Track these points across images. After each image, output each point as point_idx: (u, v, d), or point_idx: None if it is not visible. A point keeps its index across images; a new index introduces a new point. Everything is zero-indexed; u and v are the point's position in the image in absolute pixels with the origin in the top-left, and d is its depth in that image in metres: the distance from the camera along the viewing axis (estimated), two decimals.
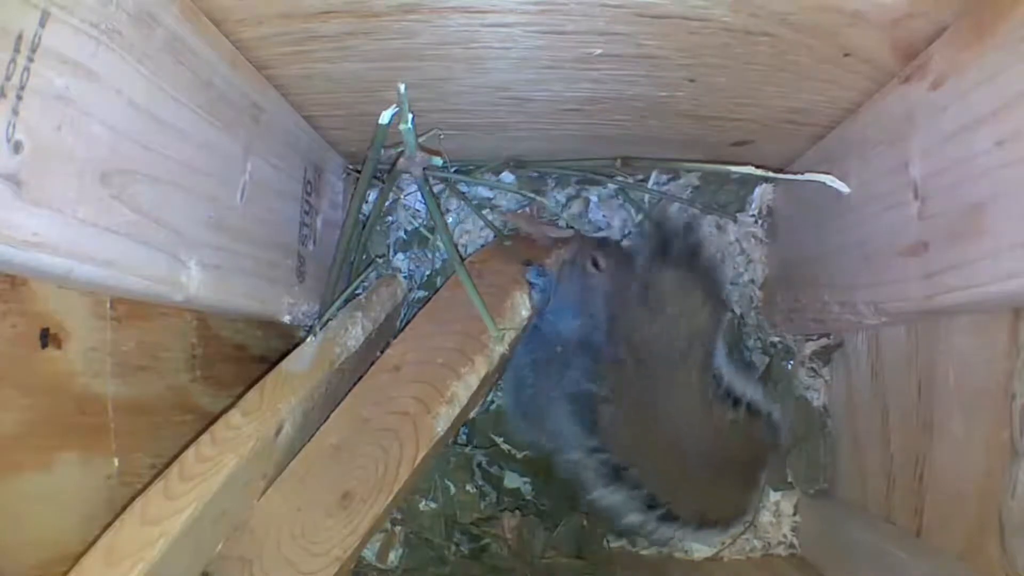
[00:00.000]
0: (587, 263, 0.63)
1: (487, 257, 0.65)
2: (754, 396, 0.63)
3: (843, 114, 0.55)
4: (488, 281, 0.61)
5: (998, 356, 0.44)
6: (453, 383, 0.56)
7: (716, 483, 0.63)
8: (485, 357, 0.58)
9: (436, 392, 0.56)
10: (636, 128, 0.61)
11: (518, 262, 0.64)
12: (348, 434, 0.55)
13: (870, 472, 0.60)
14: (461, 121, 0.60)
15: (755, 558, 0.70)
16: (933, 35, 0.43)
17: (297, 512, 0.52)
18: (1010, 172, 0.37)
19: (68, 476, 0.40)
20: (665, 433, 0.61)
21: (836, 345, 0.68)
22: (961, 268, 0.41)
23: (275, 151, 0.54)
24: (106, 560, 0.38)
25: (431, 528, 0.67)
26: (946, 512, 0.50)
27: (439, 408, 0.56)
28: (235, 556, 0.50)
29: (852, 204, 0.54)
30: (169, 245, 0.40)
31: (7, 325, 0.36)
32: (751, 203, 0.74)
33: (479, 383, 0.58)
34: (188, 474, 0.42)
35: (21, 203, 0.30)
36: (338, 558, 0.51)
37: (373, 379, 0.57)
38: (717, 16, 0.42)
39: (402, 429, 0.55)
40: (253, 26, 0.44)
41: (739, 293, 0.74)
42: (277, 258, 0.55)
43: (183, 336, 0.50)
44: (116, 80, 0.35)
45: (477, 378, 0.57)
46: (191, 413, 0.51)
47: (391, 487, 0.54)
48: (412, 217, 0.74)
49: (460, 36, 0.46)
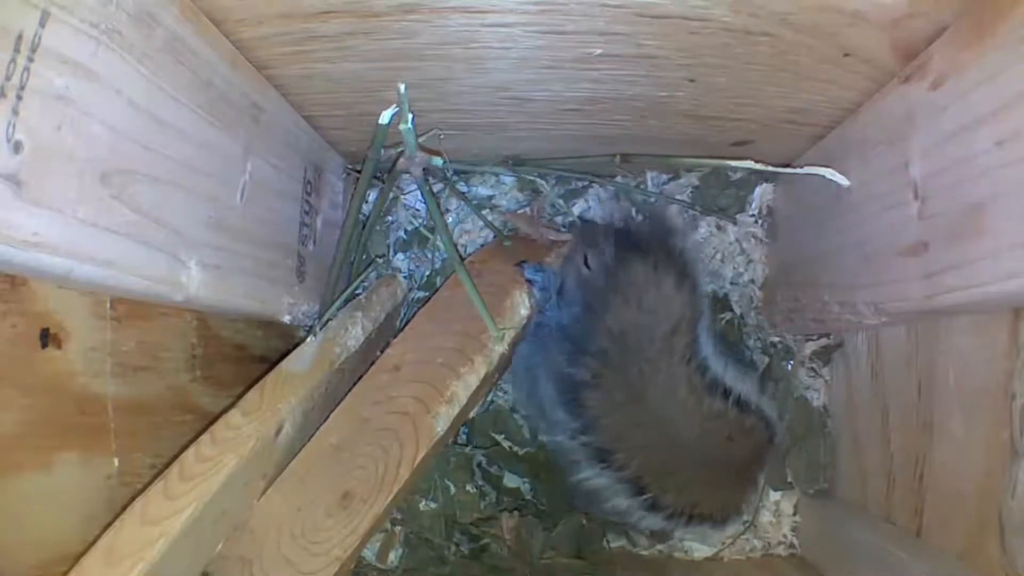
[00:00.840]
0: (580, 262, 0.63)
1: (487, 257, 0.65)
2: (747, 391, 0.63)
3: (843, 114, 0.55)
4: (488, 280, 0.62)
5: (998, 356, 0.44)
6: (453, 383, 0.57)
7: (706, 476, 0.62)
8: (485, 357, 0.58)
9: (436, 392, 0.56)
10: (636, 128, 0.61)
11: (517, 262, 0.64)
12: (348, 434, 0.55)
13: (870, 472, 0.60)
14: (461, 121, 0.60)
15: (755, 558, 0.70)
16: (933, 35, 0.43)
17: (297, 512, 0.52)
18: (1010, 172, 0.37)
19: (68, 476, 0.40)
20: (650, 421, 0.61)
21: (836, 345, 0.68)
22: (961, 268, 0.41)
23: (275, 151, 0.54)
24: (106, 560, 0.38)
25: (431, 528, 0.67)
26: (946, 512, 0.50)
27: (439, 408, 0.56)
28: (235, 556, 0.50)
29: (852, 204, 0.54)
30: (169, 245, 0.40)
31: (7, 325, 0.36)
32: (751, 203, 0.74)
33: (479, 383, 0.58)
34: (188, 474, 0.42)
35: (21, 203, 0.30)
36: (338, 558, 0.51)
37: (373, 379, 0.57)
38: (717, 16, 0.42)
39: (402, 429, 0.55)
40: (253, 26, 0.44)
41: (739, 293, 0.74)
42: (277, 258, 0.55)
43: (183, 336, 0.50)
44: (116, 80, 0.35)
45: (477, 378, 0.57)
46: (191, 413, 0.51)
47: (391, 487, 0.54)
48: (412, 217, 0.74)
49: (460, 36, 0.46)
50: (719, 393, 0.61)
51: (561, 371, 0.61)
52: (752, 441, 0.63)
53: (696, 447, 0.61)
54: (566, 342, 0.61)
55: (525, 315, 0.61)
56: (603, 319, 0.60)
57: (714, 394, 0.61)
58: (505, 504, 0.69)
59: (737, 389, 0.62)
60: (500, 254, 0.65)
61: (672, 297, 0.60)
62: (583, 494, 0.63)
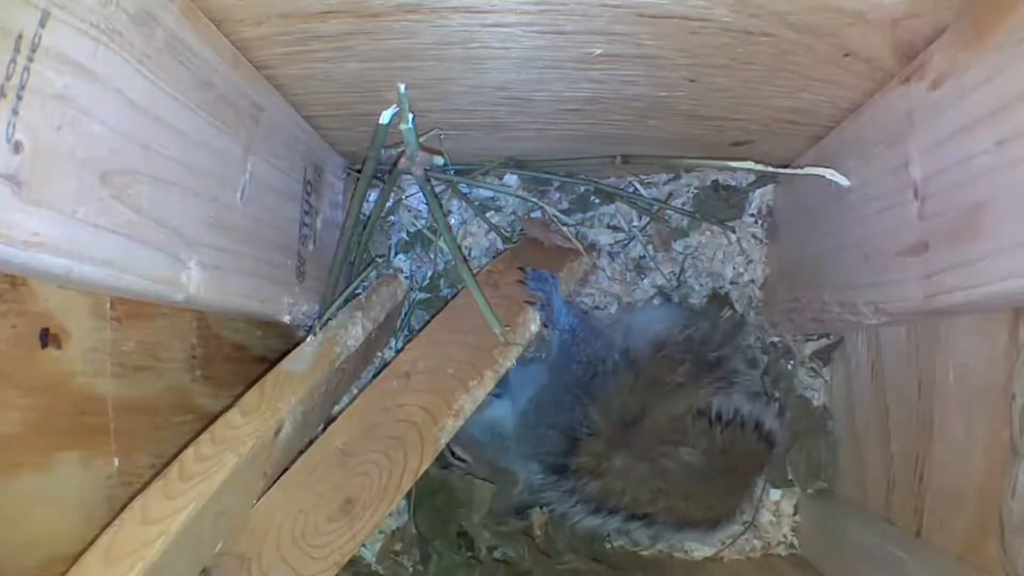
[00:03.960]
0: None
1: (503, 267, 0.65)
2: (742, 405, 0.63)
3: (843, 114, 0.55)
4: (503, 293, 0.61)
5: (998, 356, 0.44)
6: (461, 396, 0.56)
7: (698, 490, 0.63)
8: (494, 372, 0.58)
9: (444, 404, 0.56)
10: (636, 128, 0.61)
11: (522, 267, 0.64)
12: (355, 438, 0.55)
13: (870, 472, 0.60)
14: (461, 121, 0.60)
15: (755, 558, 0.70)
16: (933, 35, 0.43)
17: (299, 514, 0.52)
18: (1010, 172, 0.37)
19: (68, 476, 0.40)
20: (642, 462, 0.61)
21: (836, 345, 0.68)
22: (961, 268, 0.41)
23: (275, 151, 0.54)
24: (105, 559, 0.38)
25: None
26: (946, 512, 0.50)
27: (446, 421, 0.55)
28: (234, 553, 0.50)
29: (852, 204, 0.54)
30: (169, 245, 0.40)
31: (7, 325, 0.36)
32: (751, 203, 0.74)
33: (485, 397, 0.58)
34: (188, 473, 0.42)
35: (21, 203, 0.30)
36: (336, 563, 0.51)
37: (384, 383, 0.57)
38: (717, 16, 0.42)
39: (408, 439, 0.55)
40: (253, 26, 0.44)
41: (739, 293, 0.74)
42: (277, 258, 0.55)
43: (183, 336, 0.50)
44: (116, 80, 0.35)
45: (484, 392, 0.57)
46: (191, 413, 0.51)
47: (393, 496, 0.54)
48: (415, 219, 0.74)
49: (460, 36, 0.46)
50: (712, 414, 0.62)
51: (550, 452, 0.62)
52: (746, 449, 0.63)
53: (688, 468, 0.61)
54: (552, 432, 0.62)
55: (535, 331, 0.61)
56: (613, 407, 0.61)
57: (716, 426, 0.61)
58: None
59: (732, 405, 0.62)
60: (516, 266, 0.65)
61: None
62: (579, 530, 0.65)
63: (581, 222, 0.74)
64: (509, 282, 0.63)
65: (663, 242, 0.74)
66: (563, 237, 0.68)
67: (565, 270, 0.66)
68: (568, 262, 0.67)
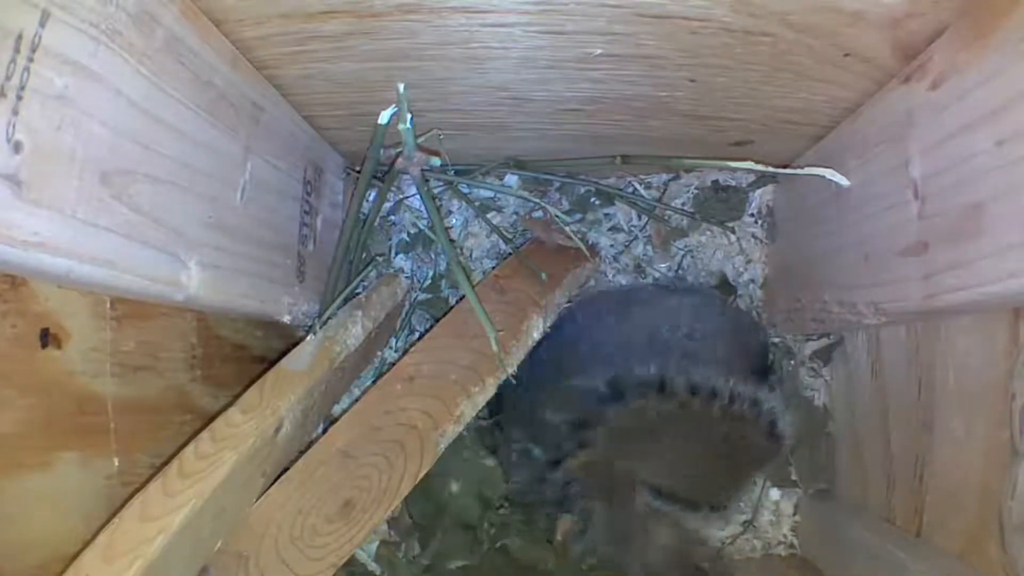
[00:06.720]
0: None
1: (510, 273, 0.65)
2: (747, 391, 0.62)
3: (843, 114, 0.55)
4: (509, 299, 0.61)
5: (998, 356, 0.44)
6: (463, 402, 0.56)
7: (694, 471, 0.62)
8: (496, 379, 0.58)
9: (446, 410, 0.56)
10: (636, 128, 0.61)
11: (539, 282, 0.63)
12: (356, 440, 0.55)
13: (870, 472, 0.60)
14: (461, 121, 0.60)
15: (755, 558, 0.70)
16: (933, 35, 0.43)
17: (298, 514, 0.52)
18: (1010, 172, 0.37)
19: (68, 476, 0.40)
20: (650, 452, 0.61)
21: (836, 345, 0.68)
22: (961, 268, 0.41)
23: (275, 151, 0.54)
24: (105, 556, 0.38)
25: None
26: (946, 512, 0.50)
27: (447, 426, 0.56)
28: (233, 551, 0.50)
29: (852, 204, 0.54)
30: (169, 245, 0.40)
31: (7, 325, 0.36)
32: (751, 203, 0.74)
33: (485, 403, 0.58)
34: (187, 471, 0.42)
35: (21, 203, 0.30)
36: (333, 565, 0.52)
37: (387, 386, 0.57)
38: (717, 16, 0.42)
39: (409, 443, 0.55)
40: (253, 26, 0.44)
41: (739, 293, 0.74)
42: (277, 258, 0.55)
43: (183, 336, 0.50)
44: (116, 80, 0.35)
45: (485, 398, 0.58)
46: (191, 413, 0.51)
47: (391, 500, 0.54)
48: (416, 219, 0.74)
49: (460, 36, 0.46)
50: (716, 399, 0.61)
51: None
52: (753, 442, 0.63)
53: (690, 451, 0.61)
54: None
55: (536, 338, 0.61)
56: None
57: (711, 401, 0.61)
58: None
59: (736, 390, 0.62)
60: (523, 271, 0.65)
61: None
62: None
63: (581, 221, 0.74)
64: (515, 288, 0.63)
65: (663, 242, 0.74)
66: (565, 236, 0.68)
67: (569, 276, 0.66)
68: (573, 265, 0.67)
